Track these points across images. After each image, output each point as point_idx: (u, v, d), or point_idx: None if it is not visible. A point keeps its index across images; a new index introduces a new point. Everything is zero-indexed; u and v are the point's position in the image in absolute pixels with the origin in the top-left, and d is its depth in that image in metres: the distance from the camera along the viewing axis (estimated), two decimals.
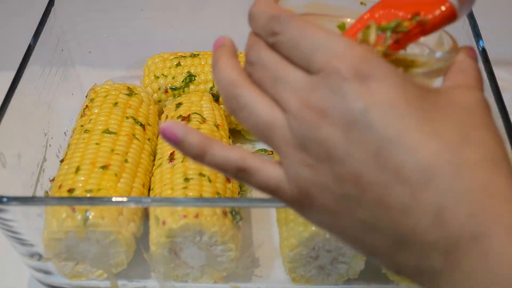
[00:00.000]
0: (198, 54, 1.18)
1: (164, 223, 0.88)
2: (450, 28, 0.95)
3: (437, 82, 0.97)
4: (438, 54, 0.65)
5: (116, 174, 0.96)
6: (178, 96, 1.14)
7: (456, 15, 0.63)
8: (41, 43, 1.08)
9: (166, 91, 1.15)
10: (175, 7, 1.29)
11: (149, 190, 1.00)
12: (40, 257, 0.91)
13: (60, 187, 0.94)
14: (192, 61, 1.17)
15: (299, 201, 0.58)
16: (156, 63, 1.18)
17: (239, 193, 1.03)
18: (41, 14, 1.13)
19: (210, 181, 0.95)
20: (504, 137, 0.90)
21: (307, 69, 0.56)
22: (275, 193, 0.59)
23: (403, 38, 0.62)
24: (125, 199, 0.90)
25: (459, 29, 1.11)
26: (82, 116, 1.07)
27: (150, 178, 1.01)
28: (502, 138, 0.56)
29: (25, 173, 1.01)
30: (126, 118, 1.05)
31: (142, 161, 1.02)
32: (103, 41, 1.27)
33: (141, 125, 1.06)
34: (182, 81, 1.15)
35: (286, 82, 0.56)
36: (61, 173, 0.97)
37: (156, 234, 0.89)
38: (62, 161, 1.01)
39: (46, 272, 0.94)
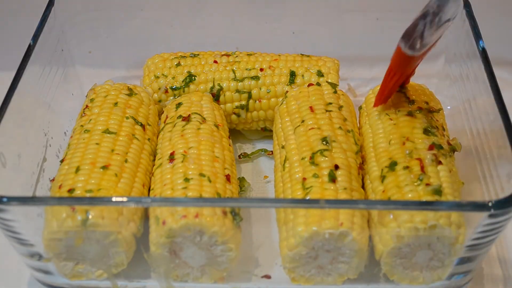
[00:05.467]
0: (198, 54, 1.18)
1: (164, 223, 0.88)
2: (450, 28, 0.95)
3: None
4: None
5: (116, 174, 0.96)
6: (178, 96, 1.14)
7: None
8: (41, 43, 1.08)
9: (166, 91, 1.15)
10: (175, 7, 1.29)
11: (149, 190, 1.00)
12: (40, 257, 0.91)
13: (60, 187, 0.94)
14: (192, 61, 1.17)
15: None
16: (156, 63, 1.18)
17: (239, 193, 1.03)
18: (41, 14, 1.13)
19: (210, 181, 0.95)
20: (504, 137, 0.90)
21: None
22: None
23: None
24: (125, 199, 0.90)
25: (459, 29, 1.11)
26: (82, 116, 1.07)
27: (150, 178, 1.02)
28: None
29: (25, 173, 1.01)
30: (126, 118, 1.05)
31: (142, 161, 1.02)
32: (103, 41, 1.27)
33: (141, 125, 1.06)
34: (182, 81, 1.15)
35: None
36: (61, 173, 0.97)
37: (156, 234, 0.89)
38: (62, 161, 1.01)
39: (46, 272, 0.94)
